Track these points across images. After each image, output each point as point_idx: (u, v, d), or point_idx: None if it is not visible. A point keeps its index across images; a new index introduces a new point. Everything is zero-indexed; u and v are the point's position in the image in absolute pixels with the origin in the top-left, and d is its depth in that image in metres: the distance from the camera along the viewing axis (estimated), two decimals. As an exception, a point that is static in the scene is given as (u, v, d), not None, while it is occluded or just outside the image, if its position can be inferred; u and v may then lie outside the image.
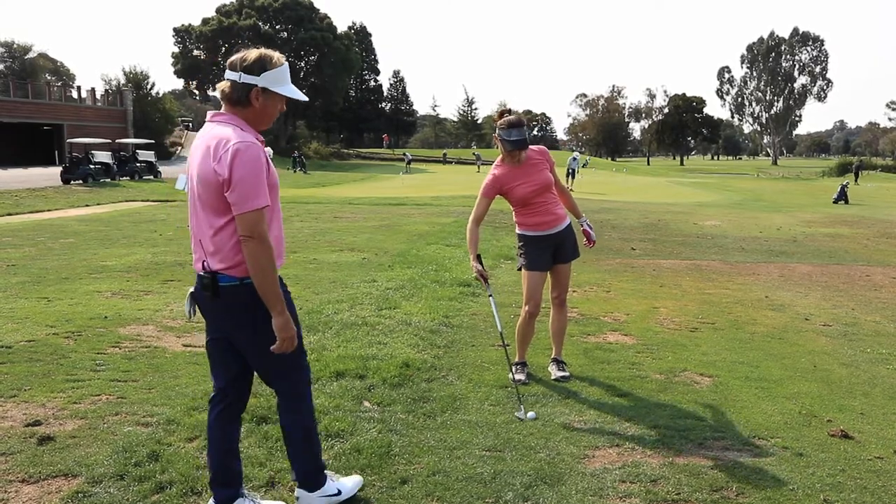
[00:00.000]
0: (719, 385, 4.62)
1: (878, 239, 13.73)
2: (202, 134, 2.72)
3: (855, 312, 6.98)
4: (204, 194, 2.63)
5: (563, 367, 4.78)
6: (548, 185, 4.54)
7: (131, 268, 8.98)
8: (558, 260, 4.69)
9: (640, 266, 9.75)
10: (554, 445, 3.61)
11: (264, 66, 2.66)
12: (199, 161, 2.64)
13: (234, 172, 2.52)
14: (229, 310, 2.73)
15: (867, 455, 3.54)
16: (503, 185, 4.50)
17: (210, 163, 2.57)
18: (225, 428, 2.92)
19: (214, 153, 2.57)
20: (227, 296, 2.68)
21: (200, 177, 2.63)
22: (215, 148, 2.57)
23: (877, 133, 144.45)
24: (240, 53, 2.70)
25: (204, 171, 2.60)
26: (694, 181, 45.79)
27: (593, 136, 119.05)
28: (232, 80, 2.68)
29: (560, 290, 4.78)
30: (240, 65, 2.66)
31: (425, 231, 13.05)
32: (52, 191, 24.13)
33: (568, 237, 4.68)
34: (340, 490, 3.03)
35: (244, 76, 2.65)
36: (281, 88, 2.72)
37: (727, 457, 3.50)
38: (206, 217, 2.66)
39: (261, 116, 2.73)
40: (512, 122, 4.35)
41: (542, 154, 4.59)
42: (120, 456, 3.43)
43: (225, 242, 2.64)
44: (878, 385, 4.70)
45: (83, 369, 4.83)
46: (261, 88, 2.67)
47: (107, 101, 50.97)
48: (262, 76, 2.66)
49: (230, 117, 2.68)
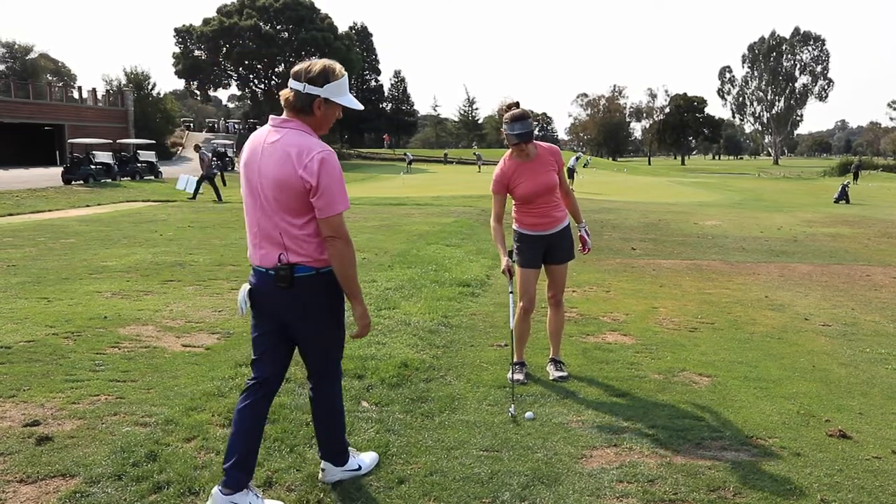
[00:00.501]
0: (718, 385, 4.62)
1: (879, 239, 13.72)
2: (273, 139, 2.86)
3: (855, 312, 6.98)
4: (281, 196, 2.81)
5: (562, 367, 4.78)
6: (551, 187, 4.53)
7: (131, 268, 8.99)
8: (551, 260, 4.70)
9: (640, 266, 9.74)
10: (551, 445, 3.62)
11: (327, 78, 2.86)
12: (276, 166, 2.81)
13: (321, 180, 2.74)
14: (299, 299, 2.91)
15: (865, 455, 3.54)
16: (508, 181, 4.52)
17: (293, 169, 2.76)
18: (259, 414, 3.07)
19: (298, 160, 2.76)
20: (302, 285, 2.87)
21: (279, 181, 2.80)
22: (298, 155, 2.77)
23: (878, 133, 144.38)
24: (304, 64, 2.90)
25: (284, 175, 2.79)
26: (695, 181, 45.76)
27: (594, 135, 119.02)
28: (296, 90, 2.86)
29: (556, 291, 4.79)
30: (304, 75, 2.86)
31: (425, 231, 13.05)
32: (53, 191, 24.15)
33: (563, 239, 4.69)
34: (360, 465, 3.29)
35: (308, 87, 2.85)
36: (340, 98, 2.92)
37: (725, 457, 3.50)
38: (282, 216, 2.85)
39: (321, 124, 2.94)
40: (515, 116, 4.35)
41: (553, 154, 4.59)
42: (118, 456, 3.44)
43: (304, 239, 2.85)
44: (876, 385, 4.70)
45: (82, 369, 4.83)
46: (323, 99, 2.86)
47: (108, 102, 51.03)
48: (325, 87, 2.86)
49: (300, 124, 2.88)
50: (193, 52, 65.75)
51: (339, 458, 3.22)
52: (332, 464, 3.22)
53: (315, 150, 2.77)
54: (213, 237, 12.43)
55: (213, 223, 14.96)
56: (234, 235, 12.65)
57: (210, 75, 67.26)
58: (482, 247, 10.90)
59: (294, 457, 3.45)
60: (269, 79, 69.00)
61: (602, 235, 13.17)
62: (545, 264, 4.71)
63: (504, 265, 4.41)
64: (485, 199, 20.80)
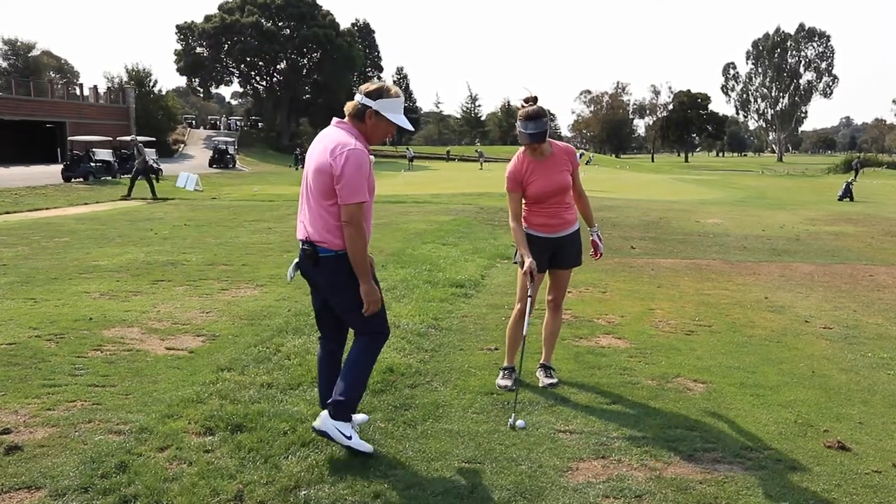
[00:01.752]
0: (713, 392, 4.46)
1: (883, 237, 13.54)
2: (325, 134, 3.46)
3: (857, 314, 6.82)
4: (317, 181, 3.35)
5: (552, 374, 4.62)
6: (564, 188, 4.38)
7: (122, 267, 8.87)
8: (557, 265, 4.54)
9: (639, 266, 9.59)
10: (536, 457, 3.47)
11: (381, 94, 3.41)
12: (318, 156, 3.38)
13: (344, 171, 3.25)
14: (324, 276, 3.45)
15: (864, 468, 3.39)
16: (523, 178, 4.35)
17: (327, 158, 3.30)
18: (332, 361, 3.74)
19: (332, 152, 3.29)
20: (327, 264, 3.40)
21: (317, 168, 3.36)
22: (332, 148, 3.30)
23: (883, 129, 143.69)
24: (369, 83, 3.50)
25: (320, 163, 3.33)
26: (697, 178, 45.53)
27: (597, 132, 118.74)
28: (357, 100, 3.43)
29: (556, 294, 4.64)
30: (363, 89, 3.44)
31: (422, 230, 12.89)
32: (53, 189, 24.08)
33: (571, 243, 4.51)
34: (352, 437, 3.44)
35: (363, 98, 3.41)
36: (390, 114, 3.43)
37: (717, 470, 3.35)
38: (317, 200, 3.39)
39: (371, 133, 3.45)
40: (529, 114, 4.17)
41: (568, 154, 4.44)
42: (87, 467, 3.32)
43: (327, 221, 3.36)
44: (877, 392, 4.54)
45: (61, 374, 4.71)
46: (374, 110, 3.39)
47: (109, 99, 50.98)
48: (377, 101, 3.39)
49: (349, 127, 3.42)
50: (195, 48, 65.59)
51: (339, 411, 3.42)
52: (330, 414, 3.42)
53: (348, 145, 3.29)
54: (208, 236, 12.31)
55: (210, 221, 14.85)
56: (229, 234, 12.53)
57: (212, 72, 67.10)
58: (479, 246, 10.75)
59: (268, 468, 3.32)
60: (270, 76, 68.87)
61: (602, 234, 13.00)
62: (550, 268, 4.54)
63: (527, 266, 4.18)
64: (485, 197, 20.64)
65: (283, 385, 4.44)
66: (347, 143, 3.30)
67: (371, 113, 3.39)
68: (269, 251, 10.37)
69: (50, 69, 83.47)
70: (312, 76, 68.38)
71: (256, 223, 14.45)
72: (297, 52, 66.52)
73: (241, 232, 12.87)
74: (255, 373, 4.67)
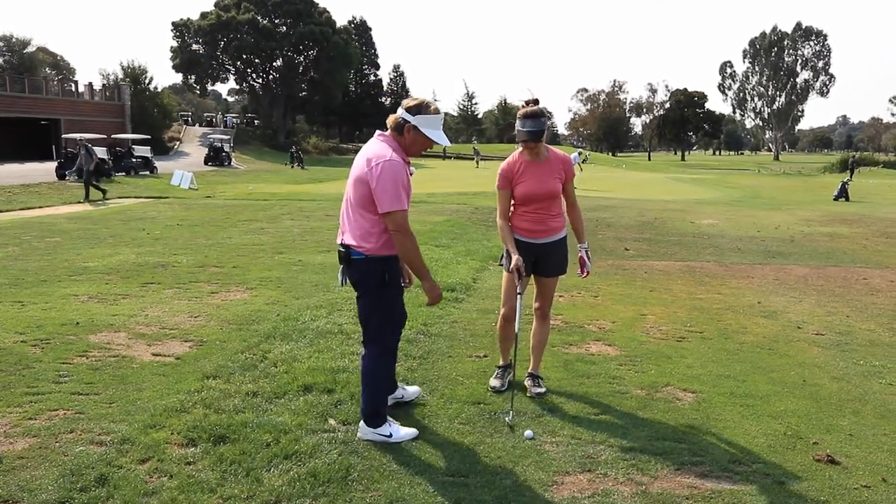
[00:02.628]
0: (702, 402, 4.42)
1: (878, 239, 13.52)
2: (367, 145, 3.69)
3: (850, 320, 6.78)
4: (356, 190, 3.59)
5: (540, 383, 4.57)
6: (552, 194, 4.37)
7: (112, 269, 8.80)
8: (540, 272, 4.51)
9: (632, 268, 9.55)
10: (521, 471, 3.42)
11: (420, 110, 3.63)
12: (357, 167, 3.61)
13: (378, 181, 3.47)
14: (353, 276, 3.73)
15: (853, 483, 3.35)
16: (513, 177, 4.38)
17: (365, 169, 3.53)
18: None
19: (368, 163, 3.53)
20: (357, 265, 3.66)
21: (356, 177, 3.60)
22: (370, 159, 3.53)
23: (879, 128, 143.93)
24: (411, 98, 3.74)
25: (359, 174, 3.57)
26: (694, 177, 45.50)
27: (594, 131, 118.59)
28: (398, 114, 3.65)
29: (543, 303, 4.60)
30: (405, 104, 3.67)
31: (415, 230, 12.71)
32: (46, 187, 23.94)
33: (555, 252, 4.47)
34: (392, 434, 3.71)
35: (403, 113, 3.63)
36: (427, 130, 3.64)
37: (704, 485, 3.30)
38: (354, 208, 3.62)
39: (410, 146, 3.67)
40: (528, 113, 4.24)
41: (563, 163, 4.43)
42: (66, 480, 3.26)
43: (363, 228, 3.61)
44: (869, 402, 4.50)
45: (45, 381, 4.65)
46: (412, 125, 3.61)
47: (104, 96, 50.71)
48: (415, 117, 3.61)
49: (389, 139, 3.66)
50: (191, 46, 65.21)
51: (369, 419, 3.73)
52: (364, 422, 3.74)
53: (384, 157, 3.51)
54: (200, 236, 12.24)
55: (202, 221, 14.77)
56: (221, 234, 12.46)
57: (208, 69, 66.73)
58: (472, 248, 10.69)
59: (250, 482, 3.27)
60: (266, 73, 68.59)
61: (596, 234, 12.98)
62: (535, 274, 4.51)
63: (514, 263, 4.20)
64: (480, 197, 20.57)
65: (268, 394, 4.38)
66: (384, 154, 3.52)
67: (410, 127, 3.61)
68: (261, 252, 10.31)
69: (45, 66, 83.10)
70: (309, 74, 68.09)
71: (250, 223, 14.38)
72: (294, 50, 66.22)
73: (234, 232, 12.81)
74: (240, 381, 4.62)
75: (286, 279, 8.22)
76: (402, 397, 4.29)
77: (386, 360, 3.85)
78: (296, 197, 22.01)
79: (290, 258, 9.77)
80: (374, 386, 3.77)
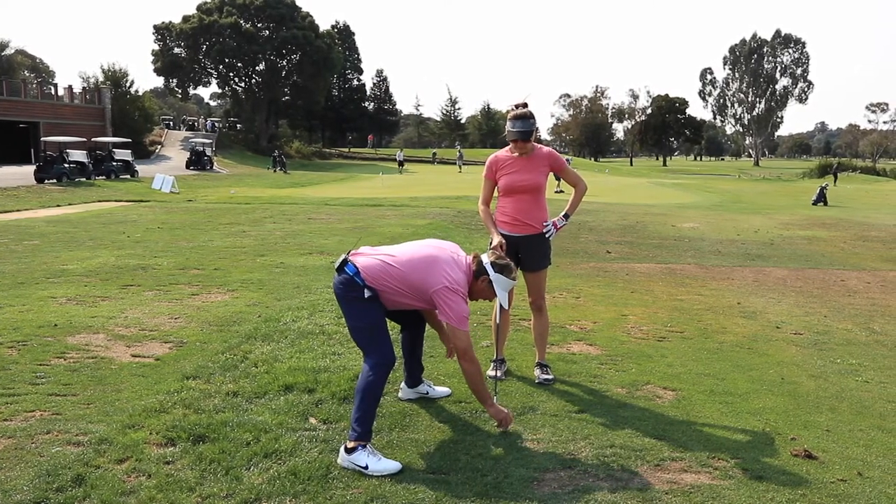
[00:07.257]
0: (682, 400, 4.45)
1: (855, 242, 13.70)
2: (446, 248, 3.84)
3: (827, 320, 6.86)
4: (417, 272, 3.64)
5: (548, 371, 4.80)
6: (535, 186, 4.61)
7: (91, 272, 8.71)
8: (524, 267, 4.70)
9: (614, 270, 9.60)
10: (503, 468, 3.42)
11: (502, 271, 3.81)
12: (431, 261, 3.68)
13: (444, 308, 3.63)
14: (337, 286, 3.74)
15: (829, 478, 3.38)
16: (498, 168, 4.66)
17: (440, 276, 3.62)
18: (416, 339, 4.30)
19: (444, 275, 3.63)
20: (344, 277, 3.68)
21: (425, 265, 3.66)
22: (447, 275, 3.64)
23: (857, 135, 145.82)
24: (501, 257, 3.90)
25: (431, 272, 3.64)
26: (675, 182, 45.84)
27: (576, 136, 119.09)
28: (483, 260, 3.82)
29: (535, 296, 4.83)
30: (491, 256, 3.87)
31: (398, 233, 12.83)
32: (25, 190, 23.67)
33: (534, 247, 4.67)
34: (368, 465, 3.35)
35: (489, 265, 3.78)
36: (498, 291, 3.81)
37: (683, 480, 3.32)
38: (403, 274, 3.65)
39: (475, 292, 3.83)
40: (518, 115, 4.51)
41: (549, 158, 4.67)
42: (42, 480, 3.21)
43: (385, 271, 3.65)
44: (845, 399, 4.56)
45: (21, 382, 4.59)
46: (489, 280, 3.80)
47: (84, 99, 50.23)
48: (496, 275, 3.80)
49: (469, 274, 3.76)
50: (173, 49, 64.87)
51: (353, 440, 3.44)
52: (345, 448, 3.43)
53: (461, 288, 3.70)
54: (181, 239, 12.15)
55: (183, 224, 14.67)
56: (203, 237, 12.37)
57: (190, 73, 66.39)
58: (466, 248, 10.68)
59: (229, 480, 3.24)
60: (249, 77, 68.31)
61: (578, 238, 13.04)
62: (521, 270, 4.67)
63: (496, 241, 4.43)
64: (463, 201, 20.60)
65: (248, 394, 4.35)
66: (461, 286, 3.66)
67: (487, 280, 3.75)
68: (243, 255, 10.25)
69: (24, 68, 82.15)
70: (291, 78, 67.93)
71: (231, 226, 14.30)
72: (276, 54, 66.04)
73: (215, 235, 12.72)
74: (221, 381, 4.58)
75: (268, 281, 8.18)
76: (426, 393, 4.35)
77: (380, 380, 3.62)
78: (278, 200, 21.91)
79: (272, 261, 9.73)
80: (369, 408, 3.54)
